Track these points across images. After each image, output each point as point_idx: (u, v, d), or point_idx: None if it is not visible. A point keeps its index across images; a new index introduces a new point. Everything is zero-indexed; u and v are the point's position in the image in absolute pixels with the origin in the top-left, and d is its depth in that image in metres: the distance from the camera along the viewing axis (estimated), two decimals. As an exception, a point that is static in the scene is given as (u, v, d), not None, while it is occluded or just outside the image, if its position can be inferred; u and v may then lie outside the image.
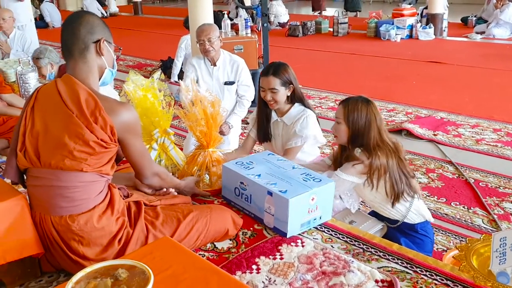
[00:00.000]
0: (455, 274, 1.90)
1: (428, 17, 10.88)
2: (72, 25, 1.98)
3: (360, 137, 2.53)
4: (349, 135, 2.56)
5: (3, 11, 6.67)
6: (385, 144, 2.53)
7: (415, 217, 2.64)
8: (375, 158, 2.48)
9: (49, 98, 1.95)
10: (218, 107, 2.65)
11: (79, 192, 1.90)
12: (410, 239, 2.64)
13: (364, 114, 2.53)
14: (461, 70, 8.01)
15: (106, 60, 2.05)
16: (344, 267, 1.96)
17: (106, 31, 2.05)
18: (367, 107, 2.54)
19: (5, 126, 3.46)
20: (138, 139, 2.06)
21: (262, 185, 2.25)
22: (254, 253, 2.07)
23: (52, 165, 1.88)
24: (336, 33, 11.73)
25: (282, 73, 3.02)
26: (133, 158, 2.09)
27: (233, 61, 4.29)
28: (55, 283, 1.99)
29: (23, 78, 4.38)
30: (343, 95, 6.62)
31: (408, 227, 2.65)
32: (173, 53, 7.58)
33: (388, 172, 2.50)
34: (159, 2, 23.76)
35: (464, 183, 3.96)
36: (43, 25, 14.44)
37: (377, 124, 2.54)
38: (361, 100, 2.57)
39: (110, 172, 2.00)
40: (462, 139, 4.88)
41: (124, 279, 1.37)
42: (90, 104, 1.89)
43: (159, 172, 2.25)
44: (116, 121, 1.91)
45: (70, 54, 1.99)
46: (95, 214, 1.92)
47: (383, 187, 2.54)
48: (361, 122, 2.52)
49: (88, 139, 1.86)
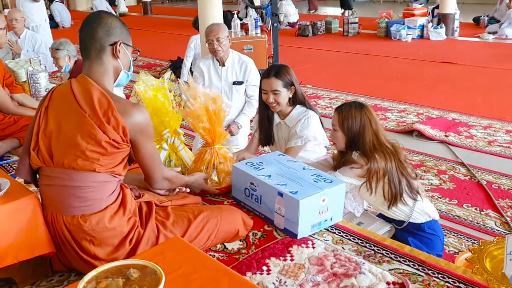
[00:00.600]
0: (467, 277, 1.88)
1: (440, 17, 10.82)
2: (91, 26, 1.97)
3: (357, 142, 2.58)
4: (346, 141, 2.62)
5: (15, 12, 6.72)
6: (383, 146, 2.56)
7: (420, 216, 2.63)
8: (373, 162, 2.51)
9: (63, 98, 1.95)
10: (220, 102, 2.63)
11: (91, 192, 1.90)
12: (418, 239, 2.62)
13: (358, 119, 2.58)
14: (473, 70, 7.95)
15: (122, 63, 2.04)
16: (355, 269, 1.94)
17: (125, 33, 2.04)
18: (361, 112, 2.59)
19: (16, 125, 3.46)
20: (150, 142, 2.05)
21: (272, 186, 2.24)
22: (264, 254, 2.06)
23: (65, 164, 1.88)
24: (346, 33, 11.70)
25: (284, 74, 3.02)
26: (143, 160, 2.08)
27: (242, 61, 4.28)
28: (66, 283, 1.99)
29: (33, 78, 4.40)
30: (353, 96, 6.60)
31: (414, 227, 2.64)
32: (182, 53, 7.60)
33: (387, 175, 2.52)
34: (168, 2, 23.85)
35: (476, 185, 3.93)
36: (53, 25, 14.46)
37: (373, 128, 2.57)
38: (354, 106, 2.62)
39: (122, 172, 2.00)
40: (474, 140, 4.84)
41: (135, 279, 1.37)
42: (103, 104, 1.89)
43: (168, 176, 2.24)
44: (129, 122, 1.91)
45: (86, 54, 1.99)
46: (107, 214, 1.92)
47: (382, 190, 2.55)
48: (356, 128, 2.57)
49: (100, 139, 1.86)
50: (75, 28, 9.64)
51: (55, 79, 7.81)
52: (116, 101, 1.92)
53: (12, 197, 1.89)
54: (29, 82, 4.43)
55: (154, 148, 2.11)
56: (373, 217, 2.77)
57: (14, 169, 3.08)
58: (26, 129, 3.42)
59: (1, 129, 3.44)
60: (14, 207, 1.86)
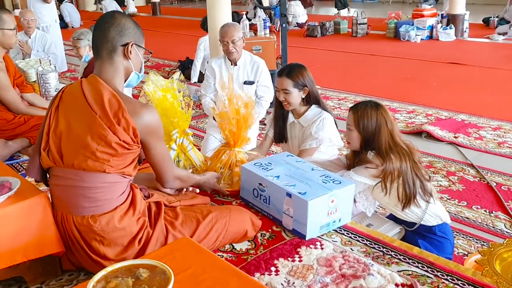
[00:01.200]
0: (477, 279, 1.88)
1: (449, 18, 10.77)
2: (104, 26, 1.97)
3: (372, 142, 2.55)
4: (361, 141, 2.59)
5: (27, 12, 6.75)
6: (398, 147, 2.53)
7: (432, 219, 2.61)
8: (389, 162, 2.48)
9: (74, 98, 1.95)
10: (251, 108, 2.65)
11: (101, 192, 1.91)
12: (428, 241, 2.60)
13: (374, 119, 2.55)
14: (483, 71, 7.90)
15: (133, 64, 2.03)
16: (364, 270, 1.94)
17: (138, 34, 2.03)
18: (376, 111, 2.56)
19: (26, 125, 3.49)
20: (160, 142, 2.05)
21: (281, 187, 2.24)
22: (272, 255, 2.06)
23: (75, 165, 1.89)
24: (355, 33, 11.67)
25: (296, 75, 3.01)
26: (154, 161, 2.07)
27: (254, 62, 4.27)
28: (75, 282, 2.00)
29: (43, 78, 4.43)
30: (362, 96, 6.58)
31: (425, 229, 2.62)
32: (191, 53, 7.62)
33: (402, 176, 2.50)
34: (177, 2, 23.91)
35: (486, 187, 3.91)
36: (62, 26, 14.55)
37: (388, 128, 2.54)
38: (370, 105, 2.59)
39: (132, 173, 2.00)
40: (484, 142, 4.81)
41: (145, 279, 1.38)
42: (113, 105, 1.89)
43: (180, 176, 2.24)
44: (139, 123, 1.91)
45: (98, 54, 1.99)
46: (117, 214, 1.92)
47: (396, 191, 2.53)
48: (371, 128, 2.54)
49: (110, 140, 1.86)
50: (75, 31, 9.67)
51: (64, 79, 7.86)
52: (126, 102, 1.91)
53: (22, 196, 1.90)
54: (39, 82, 4.46)
55: (165, 148, 2.11)
56: (383, 219, 2.76)
57: (25, 169, 3.11)
58: (36, 129, 3.45)
59: (12, 129, 3.46)
60: (25, 206, 1.88)
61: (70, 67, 8.92)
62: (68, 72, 8.49)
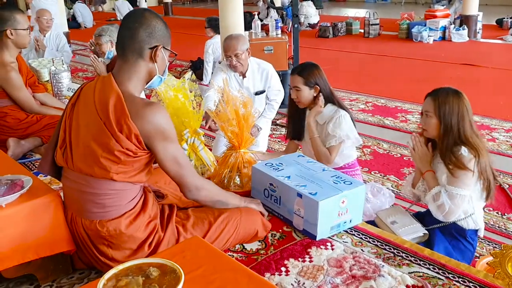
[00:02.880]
0: (488, 281, 1.86)
1: (462, 19, 10.69)
2: (133, 25, 1.87)
3: (451, 131, 2.43)
4: (440, 128, 2.47)
5: (46, 12, 6.76)
6: (480, 138, 2.43)
7: (471, 223, 2.51)
8: (481, 156, 2.37)
9: (87, 99, 1.90)
10: (250, 108, 2.64)
11: (110, 199, 1.88)
12: (455, 243, 2.53)
13: (456, 107, 2.43)
14: (496, 73, 7.84)
15: (158, 67, 1.93)
16: (375, 271, 1.93)
17: (166, 36, 1.95)
18: (458, 99, 2.44)
19: (39, 124, 3.51)
20: (169, 144, 1.89)
21: (291, 187, 2.24)
22: (283, 255, 2.06)
23: (84, 171, 1.86)
24: (367, 34, 11.63)
25: (308, 73, 3.03)
26: (166, 166, 1.92)
27: (262, 69, 4.20)
28: (86, 280, 2.01)
29: (56, 77, 4.46)
30: (373, 97, 6.56)
31: (458, 230, 2.53)
32: (203, 53, 7.63)
33: (480, 171, 2.40)
34: (189, 3, 23.97)
35: (498, 189, 3.87)
36: (75, 26, 14.71)
37: (469, 118, 2.45)
38: (452, 92, 2.48)
39: (144, 179, 1.94)
40: (496, 144, 4.78)
41: (155, 278, 1.38)
42: (117, 110, 1.81)
43: (206, 188, 2.06)
44: (141, 125, 1.81)
45: (123, 53, 1.89)
46: (126, 220, 1.90)
47: (482, 185, 2.44)
48: (454, 116, 2.42)
49: (113, 148, 1.81)
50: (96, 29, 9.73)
51: (77, 79, 7.91)
52: (130, 104, 1.82)
53: (34, 194, 1.91)
54: (52, 82, 4.49)
55: (177, 150, 1.94)
56: (410, 219, 2.62)
57: (37, 167, 3.13)
58: (48, 128, 3.47)
59: (24, 128, 3.48)
60: (36, 204, 1.89)
61: (83, 66, 8.98)
62: (81, 72, 8.55)
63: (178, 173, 1.95)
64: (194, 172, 2.02)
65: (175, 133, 1.94)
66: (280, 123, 5.60)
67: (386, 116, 5.79)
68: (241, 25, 6.00)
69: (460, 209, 2.43)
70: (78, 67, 9.01)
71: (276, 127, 5.50)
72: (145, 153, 1.88)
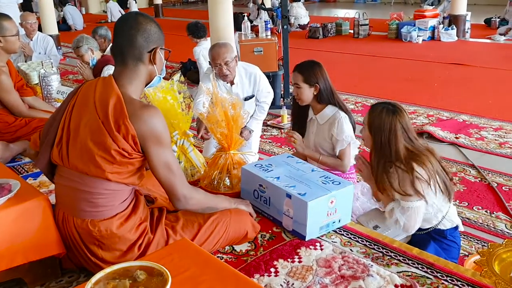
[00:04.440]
0: (476, 280, 1.87)
1: (451, 19, 10.75)
2: (129, 32, 1.91)
3: (385, 148, 2.44)
4: (372, 142, 2.51)
5: (29, 15, 6.74)
6: (420, 151, 2.42)
7: (447, 223, 2.56)
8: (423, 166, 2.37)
9: (87, 97, 1.92)
10: (239, 109, 2.65)
11: (104, 199, 1.89)
12: (438, 244, 2.57)
13: (387, 124, 2.42)
14: (484, 72, 7.89)
15: (157, 68, 1.99)
16: (363, 271, 1.94)
17: (161, 37, 2.00)
18: (391, 116, 2.43)
19: (27, 127, 3.50)
20: (163, 149, 1.91)
21: (281, 188, 2.25)
22: (272, 256, 2.07)
23: (79, 169, 1.88)
24: (357, 35, 11.66)
25: (308, 71, 3.06)
26: (157, 171, 1.93)
27: (249, 73, 4.14)
28: (75, 284, 2.01)
29: (45, 80, 4.45)
30: (363, 98, 6.59)
31: (437, 232, 2.58)
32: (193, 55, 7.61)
33: (437, 174, 2.41)
34: (179, 4, 23.92)
35: (487, 187, 3.90)
36: (65, 28, 14.64)
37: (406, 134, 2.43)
38: (386, 108, 2.47)
39: (136, 181, 1.96)
40: (485, 142, 4.81)
41: (142, 281, 1.38)
42: (116, 111, 1.84)
43: (195, 197, 2.04)
44: (137, 126, 1.84)
45: (122, 59, 1.93)
46: (117, 221, 1.91)
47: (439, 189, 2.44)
48: (385, 133, 2.42)
49: (109, 147, 1.83)
50: (87, 31, 9.71)
51: (67, 82, 7.88)
52: (129, 104, 1.86)
53: (22, 198, 1.91)
54: (41, 85, 4.48)
55: (170, 157, 1.94)
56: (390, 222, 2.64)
57: (26, 171, 3.12)
58: (37, 131, 3.45)
59: (13, 131, 3.47)
60: (24, 208, 1.89)
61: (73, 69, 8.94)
62: (71, 75, 8.52)
63: (168, 180, 1.95)
64: (185, 181, 2.01)
65: (169, 139, 1.97)
66: (271, 124, 5.61)
67: (376, 116, 5.80)
68: (231, 26, 6.00)
69: (417, 220, 2.44)
70: (68, 70, 8.97)
71: (267, 127, 5.51)
72: (139, 156, 1.90)
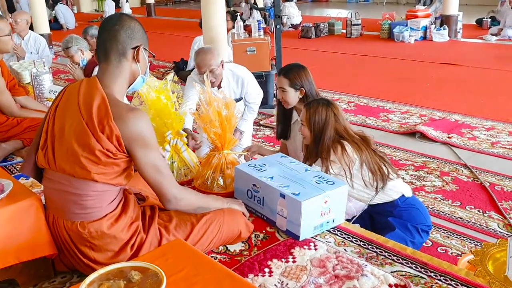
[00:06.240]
0: (470, 279, 1.88)
1: (443, 19, 10.80)
2: (113, 28, 1.92)
3: (320, 137, 2.65)
4: (312, 136, 2.69)
5: (18, 14, 6.71)
6: (353, 137, 2.65)
7: (393, 193, 2.68)
8: (343, 152, 2.59)
9: (70, 99, 1.91)
10: (232, 108, 2.64)
11: (91, 200, 1.88)
12: (398, 216, 2.67)
13: (323, 116, 2.65)
14: (476, 72, 7.93)
15: (141, 67, 1.99)
16: (357, 271, 1.94)
17: (145, 37, 2.00)
18: (327, 109, 2.66)
19: (19, 127, 3.47)
20: (150, 151, 1.89)
21: (274, 188, 2.24)
22: (266, 256, 2.06)
23: (66, 171, 1.86)
24: (349, 34, 11.68)
25: (293, 75, 3.04)
26: (145, 173, 1.91)
27: (237, 77, 4.09)
28: (68, 284, 1.99)
29: (37, 79, 4.42)
30: (356, 97, 6.60)
31: (390, 206, 2.68)
32: (186, 54, 7.61)
33: (364, 162, 2.60)
34: (172, 4, 23.85)
35: (479, 187, 3.92)
36: (57, 27, 14.56)
37: (341, 123, 2.67)
38: (321, 103, 2.70)
39: (123, 182, 1.95)
40: (477, 142, 4.83)
41: (137, 281, 1.38)
42: (101, 111, 1.83)
43: (185, 197, 2.02)
44: (123, 128, 1.83)
45: (106, 56, 1.92)
46: (107, 222, 1.90)
47: (361, 177, 2.63)
48: (320, 124, 2.65)
49: (94, 148, 1.81)
50: (79, 30, 9.65)
51: (59, 81, 7.84)
52: (114, 106, 1.84)
53: (14, 198, 1.90)
54: (33, 84, 4.45)
55: (158, 159, 1.93)
56: None
57: (18, 170, 3.09)
58: (29, 131, 3.43)
59: (5, 131, 3.45)
60: (17, 208, 1.88)
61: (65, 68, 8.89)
62: (63, 74, 8.47)
63: (157, 181, 1.93)
64: (174, 182, 2.00)
65: (156, 141, 1.95)
66: (264, 124, 5.61)
67: (368, 116, 5.83)
68: (223, 26, 5.99)
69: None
70: (60, 69, 8.92)
71: (259, 127, 5.51)
72: (125, 156, 1.88)
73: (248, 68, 4.36)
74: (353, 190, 2.65)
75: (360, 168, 2.62)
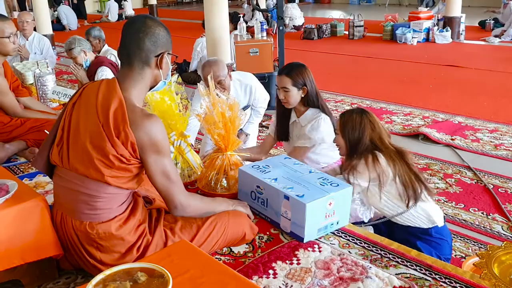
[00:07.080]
0: (475, 282, 1.88)
1: (445, 20, 10.79)
2: (138, 35, 1.90)
3: (357, 147, 2.57)
4: (347, 146, 2.62)
5: (25, 14, 6.71)
6: (388, 149, 2.56)
7: (425, 220, 2.58)
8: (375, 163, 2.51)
9: (88, 99, 1.91)
10: (236, 110, 2.64)
11: (102, 202, 1.89)
12: (426, 243, 2.59)
13: (358, 124, 2.58)
14: (479, 74, 7.93)
15: (163, 73, 1.98)
16: (362, 273, 1.94)
17: (169, 42, 1.99)
18: (361, 117, 2.60)
19: (23, 127, 3.47)
20: (162, 158, 1.91)
21: (278, 189, 2.24)
22: (270, 257, 2.06)
23: (79, 171, 1.87)
24: (352, 36, 11.68)
25: (296, 73, 3.03)
26: (155, 179, 1.93)
27: (244, 85, 4.07)
28: (72, 285, 2.00)
29: (41, 80, 4.43)
30: (359, 99, 6.60)
31: (422, 231, 2.60)
32: (189, 55, 7.61)
33: (397, 175, 2.51)
34: (174, 5, 23.88)
35: (483, 189, 3.92)
36: (59, 28, 14.58)
37: (377, 132, 2.59)
38: (356, 112, 2.64)
39: (135, 186, 1.96)
40: (481, 144, 4.82)
41: (143, 282, 1.37)
42: (117, 116, 1.83)
43: (192, 204, 2.04)
44: (138, 134, 1.84)
45: (129, 61, 1.93)
46: (115, 224, 1.91)
47: (393, 190, 2.54)
48: (356, 133, 2.57)
49: (108, 152, 1.83)
50: (81, 31, 9.66)
51: (62, 81, 7.84)
52: (131, 112, 1.85)
53: (20, 199, 1.90)
54: (37, 85, 4.46)
55: (168, 165, 1.94)
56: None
57: (22, 171, 3.10)
58: (33, 131, 3.44)
59: (8, 132, 3.45)
60: (22, 209, 1.88)
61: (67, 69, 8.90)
62: (66, 75, 8.48)
63: (165, 187, 1.95)
64: (182, 189, 2.01)
65: (169, 148, 1.97)
66: (266, 125, 5.60)
67: (372, 118, 5.81)
68: (226, 27, 6.00)
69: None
70: (63, 70, 8.93)
71: (262, 128, 5.50)
72: (137, 162, 1.90)
73: (250, 69, 4.37)
74: (380, 201, 2.59)
75: (393, 181, 2.53)
